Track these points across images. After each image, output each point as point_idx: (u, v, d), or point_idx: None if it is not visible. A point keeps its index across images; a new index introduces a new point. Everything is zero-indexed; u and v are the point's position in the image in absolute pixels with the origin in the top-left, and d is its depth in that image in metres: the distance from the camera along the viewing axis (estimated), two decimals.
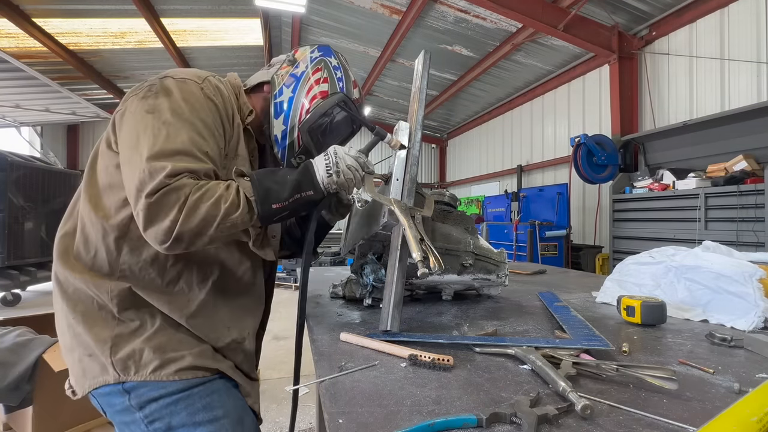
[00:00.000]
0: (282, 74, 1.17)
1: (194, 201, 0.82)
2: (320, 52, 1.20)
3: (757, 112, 4.04)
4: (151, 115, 0.88)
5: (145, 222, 0.81)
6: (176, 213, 0.81)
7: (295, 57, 1.20)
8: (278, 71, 1.18)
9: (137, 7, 6.27)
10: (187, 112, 0.90)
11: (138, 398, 0.90)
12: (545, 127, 8.37)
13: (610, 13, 5.60)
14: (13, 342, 2.24)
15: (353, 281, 1.44)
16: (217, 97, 0.99)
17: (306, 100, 1.13)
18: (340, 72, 1.18)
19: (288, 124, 1.13)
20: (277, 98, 1.14)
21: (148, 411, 0.90)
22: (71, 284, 0.94)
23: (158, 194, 0.80)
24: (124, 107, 0.94)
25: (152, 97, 0.91)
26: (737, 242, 3.80)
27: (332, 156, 1.00)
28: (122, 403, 0.90)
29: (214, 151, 0.93)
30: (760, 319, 1.10)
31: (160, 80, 0.95)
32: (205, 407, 0.92)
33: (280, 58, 1.24)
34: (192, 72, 1.01)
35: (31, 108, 7.65)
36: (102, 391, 0.91)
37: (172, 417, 0.90)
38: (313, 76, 1.15)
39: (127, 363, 0.89)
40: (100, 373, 0.90)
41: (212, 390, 0.95)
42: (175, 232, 0.81)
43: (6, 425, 2.27)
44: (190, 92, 0.94)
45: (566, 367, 0.78)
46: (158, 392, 0.90)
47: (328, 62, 1.18)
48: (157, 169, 0.81)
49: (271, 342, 4.33)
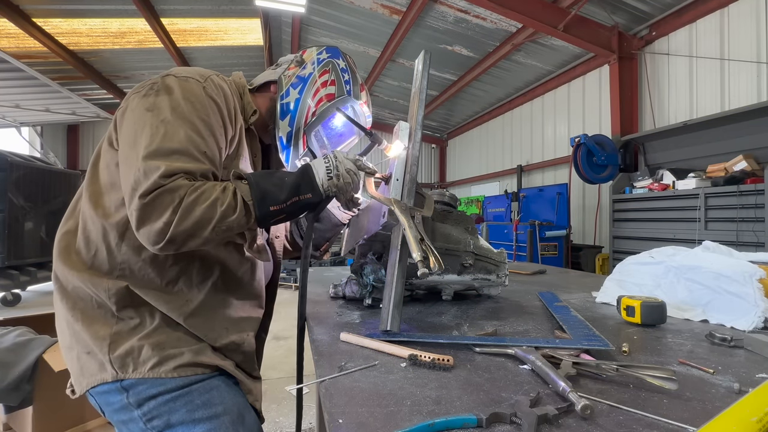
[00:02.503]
0: (289, 75, 1.16)
1: (189, 203, 0.81)
2: (328, 53, 1.19)
3: (757, 112, 4.04)
4: (150, 113, 0.88)
5: (138, 222, 0.81)
6: (170, 214, 0.80)
7: (303, 58, 1.19)
8: (285, 72, 1.18)
9: (137, 7, 6.27)
10: (187, 111, 0.90)
11: (136, 396, 0.89)
12: (545, 127, 8.37)
13: (610, 13, 5.60)
14: (13, 342, 2.24)
15: (353, 281, 1.44)
16: (220, 96, 0.98)
17: (312, 102, 1.13)
18: (347, 74, 1.18)
19: (294, 125, 1.13)
20: (283, 99, 1.14)
21: (146, 408, 0.88)
22: (70, 282, 0.94)
23: (152, 195, 0.80)
24: (126, 105, 0.94)
25: (153, 95, 0.91)
26: (737, 242, 3.80)
27: (332, 160, 1.00)
28: (120, 401, 0.89)
29: (213, 151, 0.92)
30: (760, 319, 1.10)
31: (162, 78, 0.95)
32: (204, 404, 0.91)
33: (287, 58, 1.24)
34: (195, 71, 1.00)
35: (31, 108, 7.65)
36: (100, 390, 0.90)
37: (171, 414, 0.89)
38: (320, 78, 1.14)
39: (126, 360, 0.88)
40: (98, 371, 0.89)
41: (212, 386, 0.94)
42: (168, 234, 0.80)
43: (6, 425, 2.27)
44: (192, 91, 0.93)
45: (566, 367, 0.78)
46: (157, 389, 0.89)
47: (336, 64, 1.17)
48: (151, 168, 0.81)
49: (271, 342, 4.33)
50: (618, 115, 5.99)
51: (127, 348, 0.89)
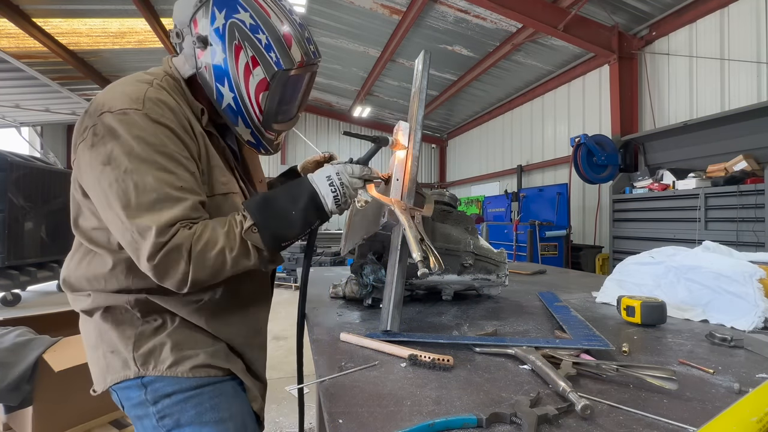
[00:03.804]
0: (204, 66, 0.97)
1: (198, 253, 0.83)
2: (222, 11, 0.93)
3: (757, 112, 4.04)
4: (108, 167, 0.82)
5: (158, 279, 0.83)
6: (185, 266, 0.82)
7: (201, 34, 0.95)
8: (198, 63, 0.97)
9: (137, 7, 6.28)
10: (142, 152, 0.83)
11: (153, 393, 0.92)
12: (545, 127, 8.37)
13: (610, 13, 5.60)
14: (13, 342, 2.23)
15: (353, 281, 1.44)
16: (166, 115, 0.88)
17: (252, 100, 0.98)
18: (261, 34, 0.94)
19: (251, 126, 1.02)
20: (221, 102, 0.99)
21: (160, 406, 0.92)
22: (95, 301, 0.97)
23: (159, 257, 0.80)
24: (77, 159, 0.89)
25: (100, 144, 0.84)
26: (737, 242, 3.80)
27: (339, 187, 0.98)
28: (139, 396, 0.93)
29: (188, 181, 0.87)
30: (760, 319, 1.10)
31: (98, 117, 0.85)
32: (213, 407, 0.94)
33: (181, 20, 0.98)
34: (126, 95, 0.87)
35: (31, 108, 7.64)
36: (122, 386, 0.94)
37: (182, 414, 0.92)
38: (239, 62, 0.95)
39: (148, 358, 0.92)
40: (121, 368, 0.92)
41: (221, 392, 0.97)
42: (189, 282, 0.84)
43: (6, 425, 2.27)
44: (136, 126, 0.84)
45: (566, 367, 0.78)
46: (172, 388, 0.92)
47: (242, 26, 0.93)
48: (142, 228, 0.80)
49: (271, 342, 4.33)
50: (618, 115, 5.99)
51: (150, 346, 0.93)
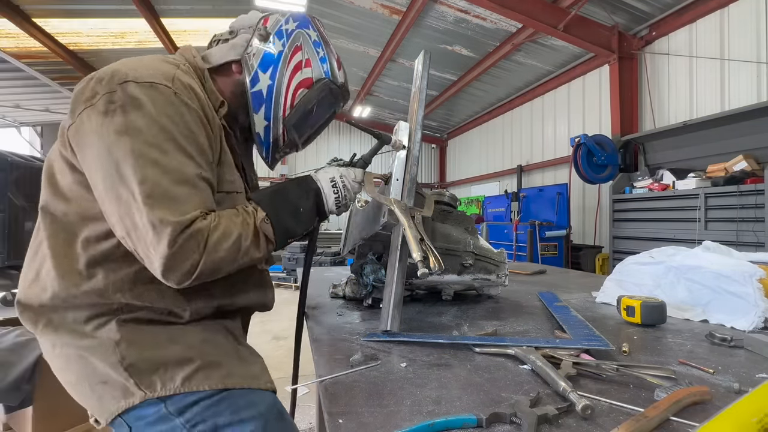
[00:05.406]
0: (254, 53, 0.99)
1: (213, 243, 0.79)
2: (296, 22, 1.02)
3: (757, 112, 4.04)
4: (126, 137, 0.75)
5: (164, 270, 0.76)
6: (197, 256, 0.78)
7: (267, 30, 1.00)
8: (248, 49, 1.00)
9: (137, 7, 6.27)
10: (169, 131, 0.78)
11: (176, 404, 0.82)
12: (545, 127, 8.37)
13: (610, 13, 5.60)
14: (13, 342, 2.23)
15: (353, 281, 1.44)
16: (193, 99, 0.84)
17: (289, 91, 1.00)
18: (321, 50, 1.03)
19: (271, 118, 1.02)
20: (254, 86, 0.99)
21: (189, 415, 0.82)
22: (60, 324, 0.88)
23: (177, 245, 0.75)
24: (78, 122, 0.79)
25: (118, 112, 0.76)
26: (737, 242, 3.80)
27: (341, 189, 1.01)
28: (157, 412, 0.81)
29: (207, 170, 0.84)
30: (760, 319, 1.10)
31: (120, 86, 0.78)
32: (247, 405, 0.87)
33: (243, 23, 1.04)
34: (155, 69, 0.83)
35: (31, 108, 7.66)
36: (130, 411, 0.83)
37: (217, 417, 0.84)
38: (293, 58, 1.00)
39: (152, 379, 0.82)
40: (122, 396, 0.81)
41: (248, 390, 0.91)
42: (195, 274, 0.79)
43: (6, 425, 2.27)
44: (165, 101, 0.79)
45: (566, 367, 0.78)
46: (196, 396, 0.83)
47: (308, 37, 1.02)
48: (164, 215, 0.74)
49: (271, 342, 4.33)
50: (618, 115, 5.99)
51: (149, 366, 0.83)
